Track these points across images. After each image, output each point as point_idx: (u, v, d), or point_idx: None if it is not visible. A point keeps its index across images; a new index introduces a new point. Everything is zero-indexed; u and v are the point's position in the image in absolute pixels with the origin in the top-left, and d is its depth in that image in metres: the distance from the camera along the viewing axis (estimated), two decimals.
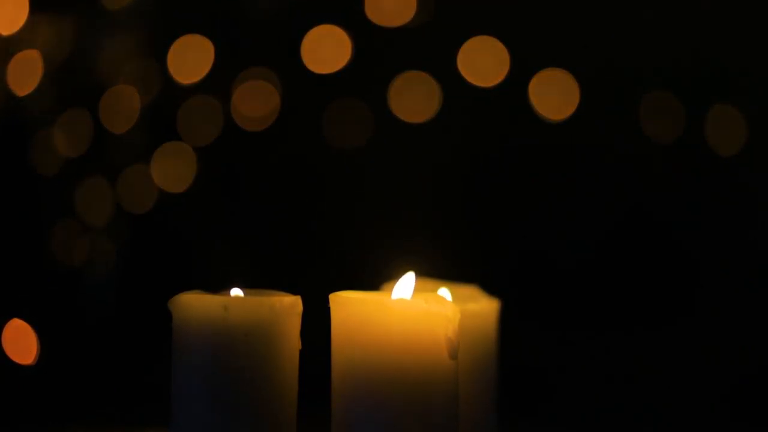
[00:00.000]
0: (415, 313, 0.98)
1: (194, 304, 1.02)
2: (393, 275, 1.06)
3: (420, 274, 1.19)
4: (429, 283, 1.18)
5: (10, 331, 1.68)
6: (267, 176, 1.82)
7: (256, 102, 1.79)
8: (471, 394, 1.13)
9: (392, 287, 1.05)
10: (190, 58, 1.77)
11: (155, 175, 1.77)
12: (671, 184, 1.77)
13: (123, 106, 1.76)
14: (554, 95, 1.74)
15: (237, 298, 1.04)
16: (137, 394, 1.68)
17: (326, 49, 1.77)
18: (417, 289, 1.05)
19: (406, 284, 1.04)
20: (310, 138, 1.79)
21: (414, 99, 1.77)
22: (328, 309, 1.02)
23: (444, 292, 1.15)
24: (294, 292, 1.05)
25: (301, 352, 1.05)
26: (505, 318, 1.19)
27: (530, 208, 1.79)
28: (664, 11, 1.76)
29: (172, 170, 1.78)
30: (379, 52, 1.78)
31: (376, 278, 1.17)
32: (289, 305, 1.03)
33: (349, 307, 1.00)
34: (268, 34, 1.79)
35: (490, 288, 1.20)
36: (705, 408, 1.71)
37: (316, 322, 1.05)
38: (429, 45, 1.77)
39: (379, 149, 1.78)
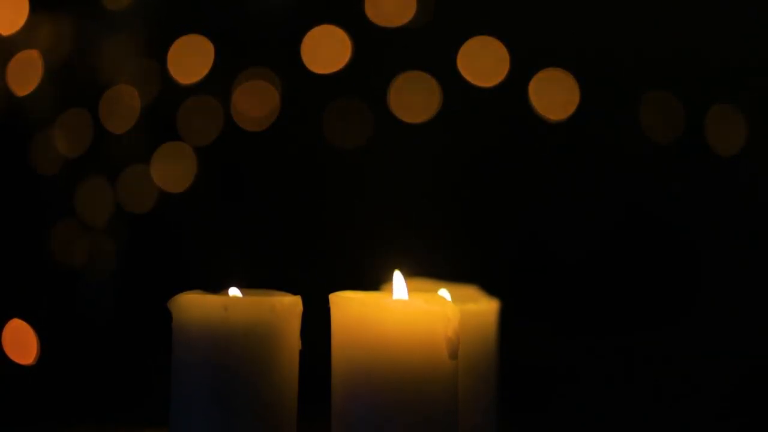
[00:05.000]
0: (414, 313, 0.98)
1: (194, 304, 1.02)
2: (392, 275, 1.06)
3: (420, 274, 1.19)
4: (429, 283, 1.18)
5: (10, 331, 1.68)
6: (267, 176, 1.82)
7: (256, 102, 1.79)
8: (471, 394, 1.13)
9: (392, 288, 1.05)
10: (190, 58, 1.77)
11: (155, 175, 1.77)
12: (671, 184, 1.77)
13: (123, 106, 1.76)
14: (554, 95, 1.74)
15: (237, 298, 1.04)
16: (137, 394, 1.68)
17: (326, 49, 1.77)
18: (417, 289, 1.05)
19: (398, 285, 1.04)
20: (310, 138, 1.79)
21: (414, 99, 1.77)
22: (328, 309, 1.02)
23: (444, 292, 1.15)
24: (294, 292, 1.05)
25: (301, 352, 1.05)
26: (505, 318, 1.19)
27: (530, 209, 1.79)
28: (664, 11, 1.76)
29: (172, 170, 1.78)
30: (379, 52, 1.78)
31: (376, 278, 1.17)
32: (289, 305, 1.03)
33: (349, 307, 1.00)
34: (268, 34, 1.78)
35: (490, 288, 1.20)
36: (706, 408, 1.71)
37: (316, 322, 1.05)
38: (429, 45, 1.77)
39: (379, 149, 1.78)
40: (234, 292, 1.06)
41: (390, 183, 1.80)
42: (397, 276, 1.04)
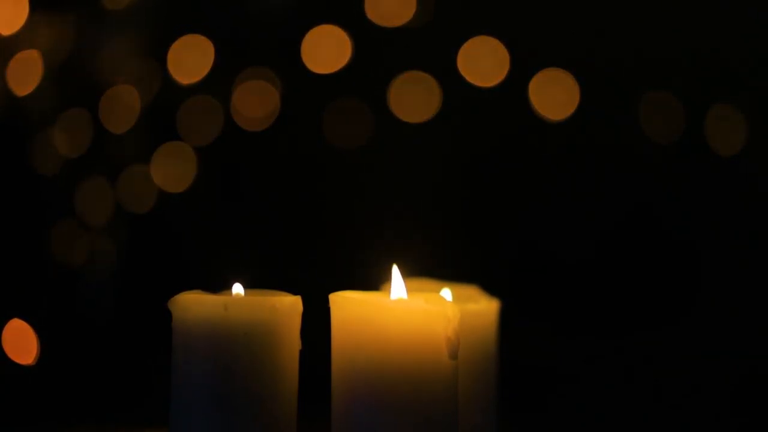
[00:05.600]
0: (414, 313, 0.98)
1: (194, 304, 1.02)
2: (392, 275, 1.06)
3: (420, 274, 1.19)
4: (429, 283, 1.18)
5: (10, 331, 1.68)
6: (267, 176, 1.82)
7: (256, 102, 1.78)
8: (471, 394, 1.13)
9: (390, 285, 1.05)
10: (190, 58, 1.77)
11: (155, 175, 1.77)
12: (671, 185, 1.77)
13: (123, 106, 1.76)
14: (554, 95, 1.74)
15: (237, 297, 1.04)
16: (137, 394, 1.68)
17: (326, 49, 1.77)
18: (417, 289, 1.05)
19: (396, 280, 1.04)
20: (310, 138, 1.79)
21: (414, 99, 1.77)
22: (328, 309, 1.02)
23: (446, 292, 1.15)
24: (294, 292, 1.05)
25: (301, 352, 1.05)
26: (505, 318, 1.19)
27: (530, 209, 1.79)
28: (664, 11, 1.76)
29: (172, 170, 1.78)
30: (379, 52, 1.78)
31: (376, 278, 1.17)
32: (289, 305, 1.03)
33: (349, 307, 1.00)
34: (268, 34, 1.78)
35: (490, 288, 1.20)
36: (706, 408, 1.71)
37: (316, 322, 1.05)
38: (429, 45, 1.77)
39: (379, 149, 1.78)
40: (237, 289, 1.06)
41: (390, 183, 1.80)
42: (395, 271, 1.04)
